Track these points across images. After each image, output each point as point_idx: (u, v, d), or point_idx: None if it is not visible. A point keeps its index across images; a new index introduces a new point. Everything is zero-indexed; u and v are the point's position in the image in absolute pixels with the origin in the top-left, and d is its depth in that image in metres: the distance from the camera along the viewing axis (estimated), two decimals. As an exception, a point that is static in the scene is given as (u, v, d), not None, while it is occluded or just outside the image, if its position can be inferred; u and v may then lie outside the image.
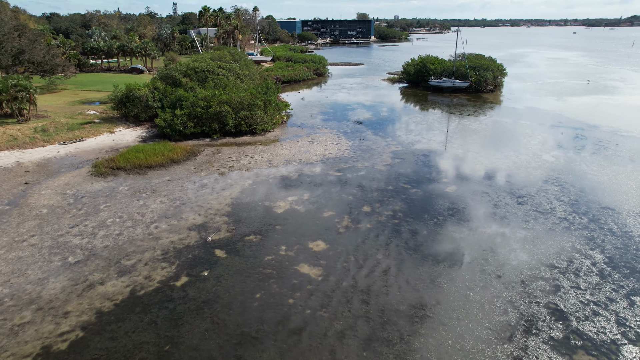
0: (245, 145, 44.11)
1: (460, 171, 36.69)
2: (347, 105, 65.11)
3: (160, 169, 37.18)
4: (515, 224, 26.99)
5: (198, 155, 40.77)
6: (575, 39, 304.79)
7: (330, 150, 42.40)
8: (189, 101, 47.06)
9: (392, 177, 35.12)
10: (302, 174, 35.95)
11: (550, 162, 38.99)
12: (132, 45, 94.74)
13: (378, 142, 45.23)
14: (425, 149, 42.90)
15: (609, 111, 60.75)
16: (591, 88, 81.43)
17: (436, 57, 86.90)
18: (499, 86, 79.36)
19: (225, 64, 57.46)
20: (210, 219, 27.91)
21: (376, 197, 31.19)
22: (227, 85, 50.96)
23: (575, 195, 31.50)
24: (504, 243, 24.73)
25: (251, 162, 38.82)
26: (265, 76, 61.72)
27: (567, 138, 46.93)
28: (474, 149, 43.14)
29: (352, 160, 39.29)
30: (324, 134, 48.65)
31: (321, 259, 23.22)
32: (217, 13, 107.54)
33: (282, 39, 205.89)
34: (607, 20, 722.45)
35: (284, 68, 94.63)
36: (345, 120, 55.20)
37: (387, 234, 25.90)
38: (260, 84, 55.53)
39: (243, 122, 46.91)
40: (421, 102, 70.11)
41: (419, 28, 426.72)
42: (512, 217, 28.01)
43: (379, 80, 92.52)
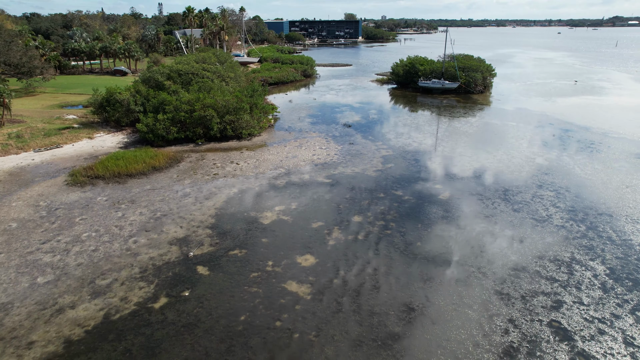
0: (231, 151, 42.57)
1: (452, 176, 35.66)
2: (335, 108, 63.89)
3: (141, 177, 35.49)
4: (512, 233, 25.96)
5: (181, 162, 39.13)
6: (560, 39, 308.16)
7: (319, 155, 41.09)
8: (172, 105, 45.37)
9: (383, 184, 33.93)
10: (290, 181, 34.57)
11: (544, 165, 38.19)
12: (115, 47, 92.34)
13: (368, 146, 44.05)
14: (416, 153, 41.84)
15: (599, 112, 60.47)
16: (579, 88, 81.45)
17: (425, 58, 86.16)
18: (488, 87, 78.90)
19: (210, 66, 55.80)
20: (193, 232, 26.39)
21: (367, 206, 29.96)
22: (211, 88, 49.34)
23: (571, 201, 30.64)
24: (501, 255, 23.65)
25: (237, 169, 37.33)
26: (251, 78, 60.23)
27: (559, 140, 46.29)
28: (465, 152, 42.20)
29: (341, 166, 38.04)
30: (312, 138, 47.33)
31: (310, 275, 21.88)
32: (203, 14, 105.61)
33: (269, 40, 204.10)
34: (590, 20, 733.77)
35: (271, 69, 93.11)
36: (334, 124, 53.96)
37: (379, 246, 24.66)
38: (246, 87, 53.99)
39: (228, 127, 45.37)
40: (410, 103, 69.21)
41: (407, 28, 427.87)
42: (508, 226, 26.99)
43: (368, 82, 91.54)
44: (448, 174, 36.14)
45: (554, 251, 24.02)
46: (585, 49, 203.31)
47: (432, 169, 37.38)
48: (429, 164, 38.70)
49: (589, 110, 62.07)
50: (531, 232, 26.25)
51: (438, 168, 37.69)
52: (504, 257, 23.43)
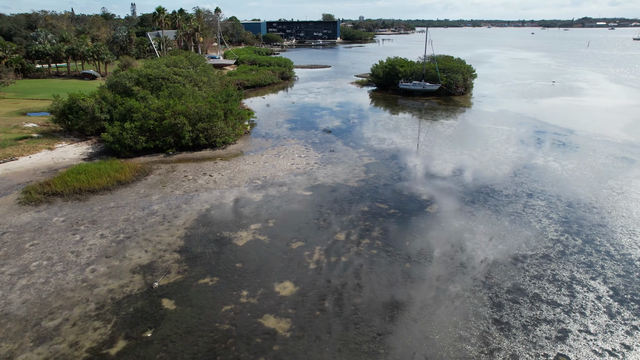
0: (204, 161, 39.88)
1: (438, 185, 33.88)
2: (315, 112, 61.70)
3: (104, 193, 32.54)
4: (506, 250, 24.23)
5: (150, 175, 36.27)
6: (534, 39, 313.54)
7: (298, 164, 38.80)
8: (140, 112, 42.37)
9: (367, 196, 31.88)
10: (267, 194, 32.19)
11: (532, 172, 36.82)
12: (83, 49, 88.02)
13: (349, 154, 41.99)
14: (400, 160, 39.99)
15: (580, 114, 59.98)
16: (558, 89, 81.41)
17: (405, 59, 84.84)
18: (468, 88, 77.99)
19: (181, 70, 52.84)
20: (159, 257, 23.76)
21: (351, 222, 27.83)
22: (183, 93, 46.49)
23: (563, 211, 29.19)
24: (498, 274, 21.85)
25: (210, 182, 34.72)
26: (226, 82, 57.50)
27: (544, 144, 45.17)
28: (450, 158, 40.57)
29: (322, 176, 35.84)
30: (291, 145, 45.00)
31: (289, 307, 19.59)
32: (177, 15, 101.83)
33: (246, 41, 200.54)
34: (561, 21, 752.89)
35: (248, 72, 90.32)
36: (314, 129, 51.75)
37: (365, 268, 22.56)
38: (220, 92, 51.28)
39: (201, 135, 42.65)
40: (391, 106, 67.58)
41: (385, 29, 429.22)
42: (500, 241, 25.27)
43: (347, 84, 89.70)
44: (434, 183, 34.35)
45: (552, 270, 22.35)
46: (559, 49, 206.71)
47: (417, 178, 35.55)
48: (413, 173, 36.86)
49: (571, 112, 61.57)
50: (526, 247, 24.58)
51: (423, 177, 35.88)
52: (499, 274, 21.63)
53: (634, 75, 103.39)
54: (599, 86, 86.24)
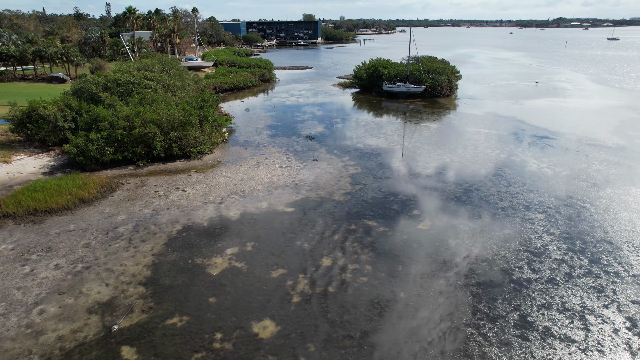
0: (177, 174, 36.88)
1: (428, 198, 31.69)
2: (296, 117, 59.08)
3: (64, 213, 29.32)
4: (508, 274, 22.09)
5: (117, 191, 33.12)
6: (512, 39, 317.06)
7: (279, 176, 36.15)
8: (107, 121, 39.09)
9: (354, 212, 29.45)
10: (245, 212, 29.46)
11: (526, 182, 34.97)
12: (51, 51, 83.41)
13: (334, 163, 39.53)
14: (388, 170, 37.71)
15: (568, 116, 58.84)
16: (542, 90, 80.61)
17: (388, 61, 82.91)
18: (453, 89, 76.38)
19: (153, 75, 49.56)
20: (122, 292, 20.85)
21: (337, 243, 25.35)
22: (154, 100, 43.31)
23: (564, 226, 27.28)
24: (503, 305, 19.65)
25: (182, 198, 31.79)
26: (202, 86, 54.39)
27: (536, 150, 43.53)
28: (439, 166, 38.49)
29: (305, 189, 33.28)
30: (271, 154, 42.29)
31: (270, 353, 16.99)
32: (151, 15, 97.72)
33: (226, 42, 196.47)
34: (537, 21, 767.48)
35: (227, 74, 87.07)
36: (295, 135, 49.13)
37: (354, 300, 20.10)
38: (195, 97, 48.20)
39: (174, 145, 39.61)
40: (376, 109, 65.42)
41: (365, 29, 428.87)
42: (500, 262, 23.15)
43: (329, 86, 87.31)
44: (424, 195, 32.14)
45: (560, 297, 20.28)
46: (538, 49, 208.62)
47: (406, 190, 33.29)
48: (402, 184, 34.60)
49: (558, 114, 60.41)
50: (529, 269, 22.51)
51: (413, 188, 33.65)
52: (503, 305, 19.45)
53: (613, 76, 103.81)
54: (582, 87, 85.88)
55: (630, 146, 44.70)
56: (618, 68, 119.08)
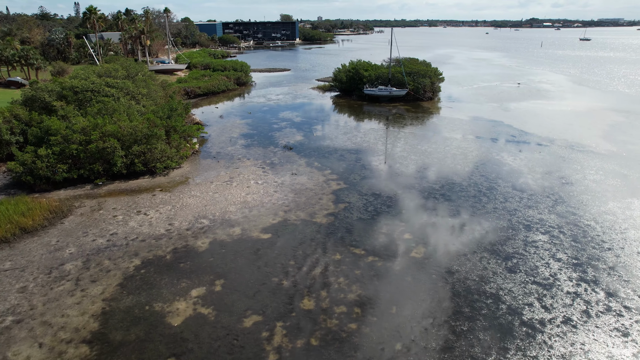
0: (140, 194, 32.95)
1: (420, 218, 28.73)
2: (273, 124, 55.55)
3: (1, 247, 25.17)
4: (516, 309, 19.20)
5: (68, 217, 29.05)
6: (489, 39, 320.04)
7: (254, 194, 32.64)
8: (60, 135, 34.86)
9: (339, 237, 26.22)
10: (215, 240, 25.88)
11: (522, 196, 32.39)
12: (8, 53, 77.59)
13: (315, 177, 36.24)
14: (373, 184, 34.63)
15: (555, 120, 57.03)
16: (525, 92, 79.14)
17: (369, 63, 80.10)
18: (436, 92, 74.07)
19: (115, 81, 45.25)
20: (59, 355, 17.07)
21: (320, 277, 22.08)
22: (115, 110, 39.17)
23: (571, 249, 24.65)
24: (516, 357, 16.72)
25: (144, 224, 27.97)
26: (171, 92, 50.25)
27: (527, 159, 41.18)
28: (430, 181, 35.64)
29: (282, 210, 29.88)
30: (246, 167, 38.71)
31: None
32: (120, 15, 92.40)
33: (201, 43, 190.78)
34: (511, 22, 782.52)
35: (200, 78, 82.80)
36: (272, 145, 45.63)
37: (341, 358, 16.84)
38: (162, 105, 44.17)
39: (137, 160, 35.64)
40: (357, 114, 62.42)
41: (344, 29, 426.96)
42: (507, 297, 20.27)
43: (308, 89, 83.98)
44: (416, 215, 29.15)
45: (582, 343, 17.47)
46: (515, 49, 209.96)
47: (395, 209, 30.24)
48: (390, 201, 31.55)
49: (545, 117, 58.58)
50: (539, 306, 19.69)
51: (403, 206, 30.63)
52: (517, 357, 16.53)
53: (592, 76, 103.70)
54: (564, 88, 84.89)
55: (622, 152, 42.85)
56: (596, 69, 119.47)
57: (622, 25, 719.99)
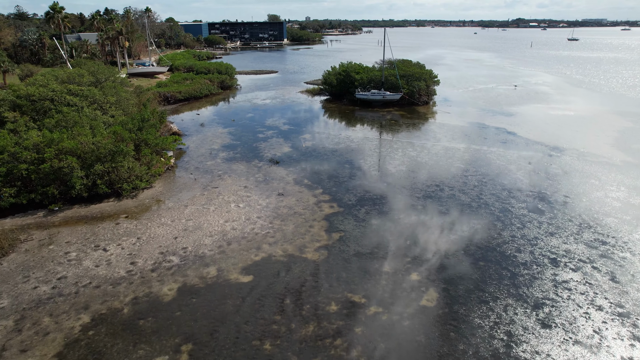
0: (102, 222, 28.30)
1: (430, 254, 24.59)
2: (258, 133, 51.09)
3: None
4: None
5: (9, 254, 24.32)
6: (478, 39, 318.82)
7: (234, 221, 28.19)
8: (7, 152, 30.06)
9: (334, 278, 21.94)
10: (185, 285, 21.42)
11: (541, 220, 28.46)
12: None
13: (304, 198, 31.92)
14: (372, 207, 30.42)
15: (560, 126, 53.49)
16: (523, 95, 75.75)
17: (360, 65, 76.05)
18: (431, 95, 70.18)
19: (80, 89, 40.38)
20: None
21: (312, 339, 17.77)
22: (77, 122, 34.40)
23: (611, 292, 20.67)
24: None
25: (101, 263, 23.38)
26: (145, 100, 45.43)
27: (541, 174, 37.37)
28: (436, 200, 31.55)
29: (267, 242, 25.51)
30: (226, 186, 34.24)
31: None
32: (95, 15, 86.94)
33: (186, 44, 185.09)
34: (498, 22, 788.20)
35: (182, 82, 77.90)
36: (257, 159, 41.20)
37: None
38: (133, 115, 39.44)
39: (100, 181, 30.96)
40: (349, 121, 58.25)
41: (332, 29, 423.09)
42: (534, 337, 16.23)
43: (297, 93, 79.60)
44: (422, 249, 25.02)
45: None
46: (506, 49, 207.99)
47: (399, 240, 26.07)
48: (392, 230, 27.36)
49: (548, 123, 55.03)
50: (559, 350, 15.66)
51: (407, 236, 26.45)
52: None
53: (588, 77, 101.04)
54: (562, 90, 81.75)
55: (639, 163, 39.33)
56: (590, 70, 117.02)
57: (606, 25, 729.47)
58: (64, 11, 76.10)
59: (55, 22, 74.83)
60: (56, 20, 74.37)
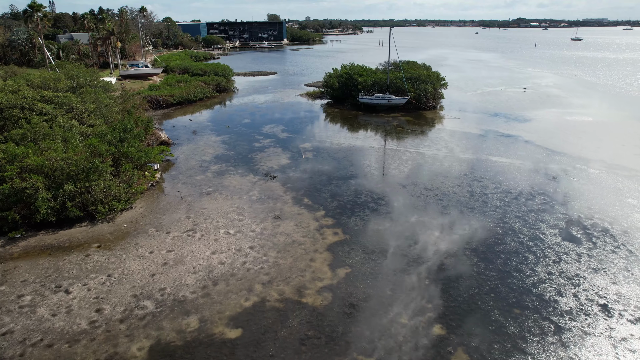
0: (70, 253, 24.35)
1: (451, 297, 20.66)
2: (255, 141, 47.13)
3: None
4: None
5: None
6: (480, 39, 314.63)
7: (222, 253, 24.25)
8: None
9: (340, 333, 18.00)
10: (157, 344, 17.47)
11: (582, 254, 24.54)
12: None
13: (304, 222, 27.97)
14: (383, 237, 26.45)
15: (581, 134, 49.55)
16: (535, 99, 71.75)
17: (364, 67, 72.11)
18: (438, 99, 66.17)
19: (55, 95, 36.38)
20: None
21: None
22: (47, 134, 30.45)
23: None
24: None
25: (60, 311, 19.44)
26: (129, 106, 41.27)
27: (568, 190, 33.43)
28: (456, 227, 27.61)
29: (260, 281, 21.56)
30: (216, 207, 30.29)
31: None
32: (85, 15, 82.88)
33: (184, 44, 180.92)
34: (499, 21, 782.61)
35: (175, 84, 73.90)
36: (252, 173, 37.26)
37: None
38: (114, 125, 35.44)
39: (71, 204, 27.01)
40: (353, 128, 54.30)
41: (332, 29, 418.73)
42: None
43: (296, 96, 75.62)
44: (442, 287, 21.08)
45: None
46: (510, 49, 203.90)
47: (414, 276, 22.13)
48: (407, 264, 23.42)
49: (568, 131, 51.10)
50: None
51: (425, 273, 22.51)
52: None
53: (600, 79, 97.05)
54: (575, 93, 77.79)
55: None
56: (601, 71, 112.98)
57: (607, 25, 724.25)
58: (43, 9, 71.11)
59: (34, 21, 70.10)
60: (35, 19, 69.65)
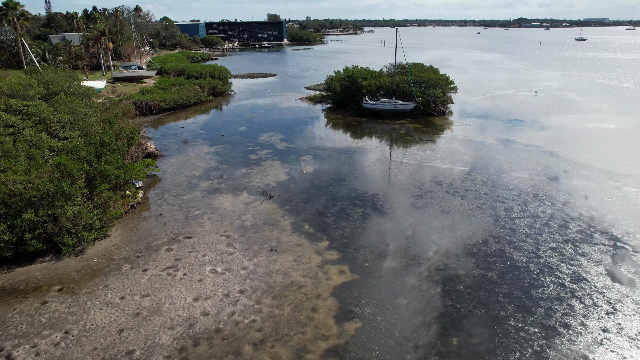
0: (23, 300, 20.35)
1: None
2: (250, 153, 43.13)
3: None
4: None
5: None
6: (482, 39, 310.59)
7: (208, 298, 20.25)
8: None
9: None
10: None
11: (638, 303, 20.56)
12: None
13: (305, 256, 23.98)
14: (399, 276, 22.48)
15: (605, 144, 45.54)
16: (549, 103, 67.74)
17: (368, 70, 68.13)
18: (447, 104, 62.15)
19: (24, 104, 32.35)
20: None
21: None
22: (8, 152, 26.44)
23: None
24: None
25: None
26: (112, 115, 37.12)
27: (605, 213, 29.44)
28: (483, 266, 23.63)
29: (251, 341, 17.56)
30: (203, 235, 26.30)
31: None
32: (74, 14, 78.84)
33: (182, 45, 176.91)
34: (500, 21, 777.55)
35: (168, 88, 69.93)
36: (246, 191, 33.27)
37: None
38: (91, 139, 31.39)
39: (30, 235, 23.02)
40: (357, 136, 50.28)
41: (333, 29, 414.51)
42: None
43: (296, 100, 71.63)
44: (474, 346, 17.09)
45: None
46: (514, 50, 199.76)
47: (436, 325, 18.14)
48: (428, 315, 19.42)
49: (591, 140, 47.08)
50: None
51: (444, 319, 18.52)
52: None
53: (615, 82, 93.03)
54: (591, 97, 73.76)
55: None
56: (613, 73, 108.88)
57: (608, 24, 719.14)
58: (20, 7, 66.57)
59: (9, 20, 65.53)
60: (10, 19, 65.08)
